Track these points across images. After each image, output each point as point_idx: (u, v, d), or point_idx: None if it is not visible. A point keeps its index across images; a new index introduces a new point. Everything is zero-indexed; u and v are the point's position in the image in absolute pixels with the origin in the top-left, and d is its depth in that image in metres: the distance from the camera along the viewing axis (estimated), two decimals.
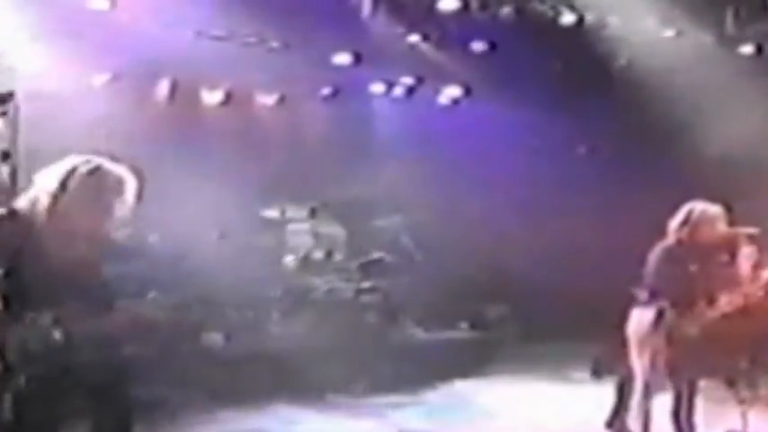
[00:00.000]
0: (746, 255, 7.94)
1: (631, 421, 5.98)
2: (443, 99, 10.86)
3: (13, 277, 3.68)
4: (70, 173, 3.91)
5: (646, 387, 5.80)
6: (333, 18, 9.16)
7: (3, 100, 7.37)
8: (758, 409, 5.98)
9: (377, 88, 10.70)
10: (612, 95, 9.94)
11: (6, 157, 7.20)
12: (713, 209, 5.93)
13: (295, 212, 9.15)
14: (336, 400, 7.54)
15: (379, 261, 9.05)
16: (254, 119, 10.19)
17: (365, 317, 8.74)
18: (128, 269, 5.11)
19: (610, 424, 6.31)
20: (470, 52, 9.89)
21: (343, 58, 9.77)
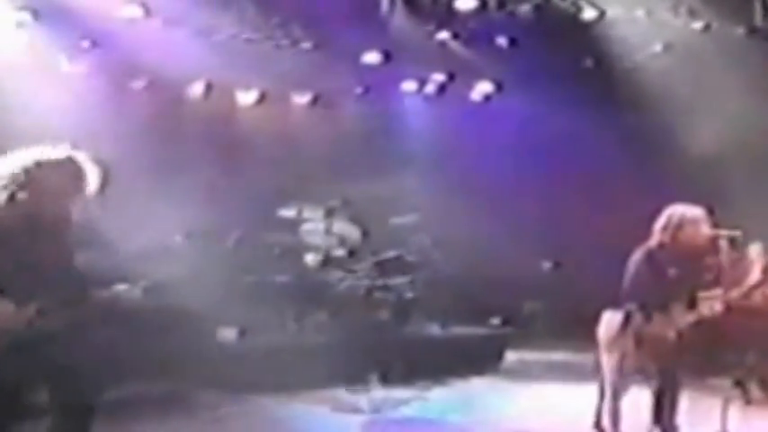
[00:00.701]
0: (756, 256, 7.97)
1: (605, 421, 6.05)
2: (476, 95, 10.97)
3: None
4: (34, 163, 4.01)
5: (614, 388, 5.91)
6: (359, 19, 9.40)
7: None
8: (742, 409, 5.98)
9: (408, 86, 10.86)
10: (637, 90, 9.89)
11: None
12: (695, 211, 5.88)
13: (311, 212, 9.29)
14: (349, 396, 7.50)
15: (397, 259, 9.16)
16: (285, 119, 10.51)
17: (380, 314, 8.84)
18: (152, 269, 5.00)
19: (597, 425, 6.36)
20: (498, 48, 9.95)
21: (373, 57, 9.97)
